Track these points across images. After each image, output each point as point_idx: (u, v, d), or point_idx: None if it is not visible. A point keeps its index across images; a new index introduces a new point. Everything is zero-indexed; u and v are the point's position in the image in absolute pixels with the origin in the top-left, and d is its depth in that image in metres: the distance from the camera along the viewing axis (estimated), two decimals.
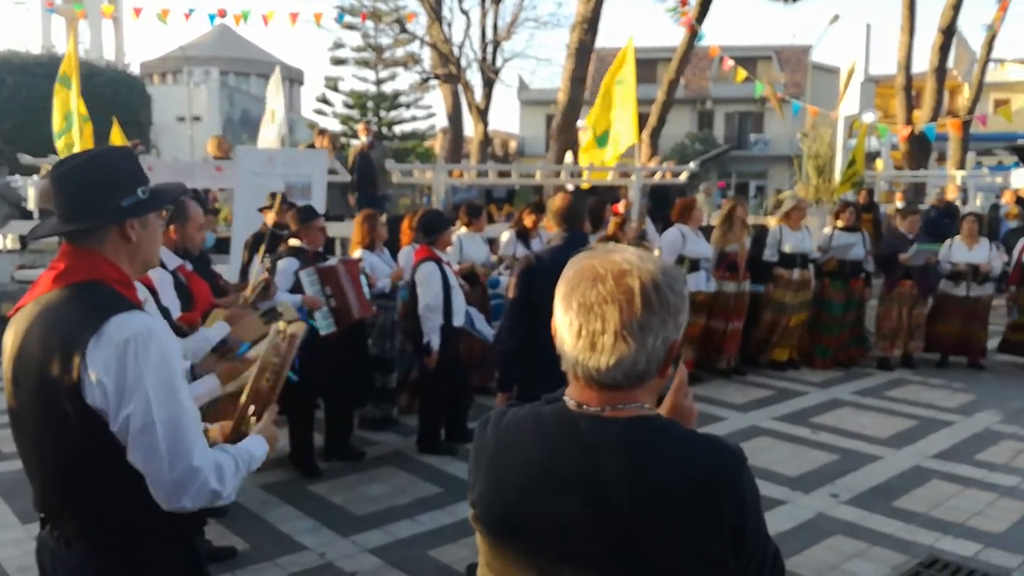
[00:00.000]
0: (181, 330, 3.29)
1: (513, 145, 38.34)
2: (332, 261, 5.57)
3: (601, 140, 10.08)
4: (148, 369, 1.79)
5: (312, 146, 10.78)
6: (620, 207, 9.46)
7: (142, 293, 2.30)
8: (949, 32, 18.91)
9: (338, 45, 34.01)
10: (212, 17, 13.47)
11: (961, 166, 18.68)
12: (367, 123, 13.21)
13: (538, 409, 1.44)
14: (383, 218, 6.54)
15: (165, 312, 3.17)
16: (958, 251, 8.58)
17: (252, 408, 2.14)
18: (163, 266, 3.86)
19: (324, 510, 4.96)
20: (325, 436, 5.85)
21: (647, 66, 36.18)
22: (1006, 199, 13.89)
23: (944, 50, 19.01)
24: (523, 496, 1.38)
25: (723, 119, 39.74)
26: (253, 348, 2.96)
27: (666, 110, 16.65)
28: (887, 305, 8.67)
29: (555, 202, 3.98)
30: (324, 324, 5.27)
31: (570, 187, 11.53)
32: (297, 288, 5.25)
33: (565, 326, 1.37)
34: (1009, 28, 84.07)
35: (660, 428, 1.37)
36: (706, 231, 8.40)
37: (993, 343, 8.98)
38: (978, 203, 15.30)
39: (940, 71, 19.08)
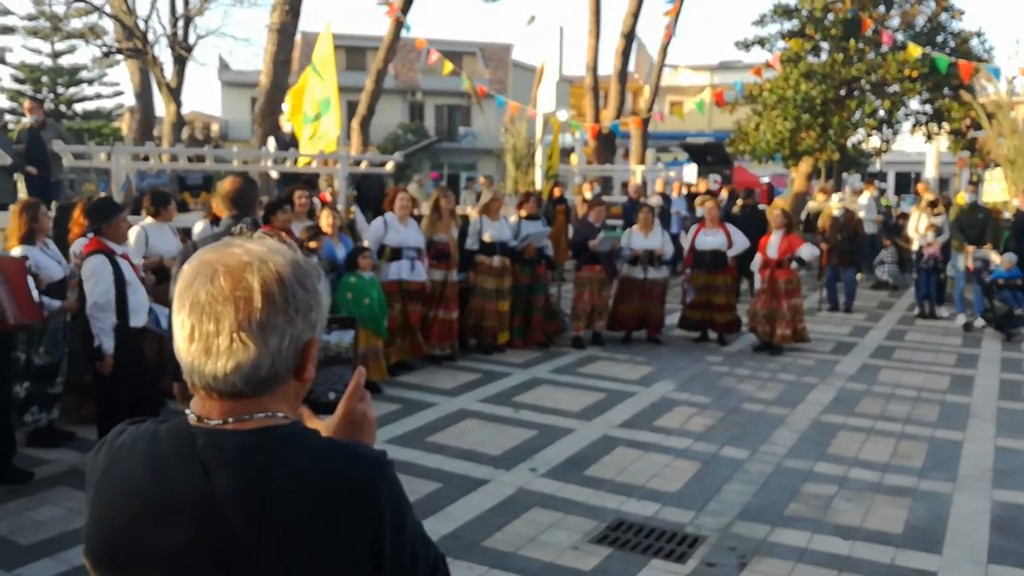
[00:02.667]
0: None
1: (216, 128, 36.20)
2: None
3: (307, 119, 9.80)
4: None
5: None
6: (327, 195, 9.26)
7: None
8: (629, 37, 20.79)
9: (5, 11, 29.89)
10: None
11: (642, 161, 20.64)
12: (34, 99, 11.69)
13: (157, 425, 1.28)
14: (49, 207, 5.77)
15: None
16: (636, 238, 9.47)
17: None
18: None
19: None
20: None
21: (356, 54, 35.90)
22: (675, 190, 15.55)
23: (626, 54, 20.87)
24: (129, 524, 1.21)
25: (433, 111, 40.56)
26: None
27: (375, 99, 16.61)
28: (579, 288, 9.39)
29: (224, 185, 3.71)
30: None
31: (274, 175, 11.09)
32: None
33: (178, 328, 1.22)
34: (682, 38, 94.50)
35: (288, 438, 1.23)
36: (420, 220, 8.50)
37: (671, 320, 10.01)
38: (654, 195, 17.00)
39: (623, 74, 20.94)
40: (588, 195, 12.67)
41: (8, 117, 11.36)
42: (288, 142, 11.27)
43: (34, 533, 4.43)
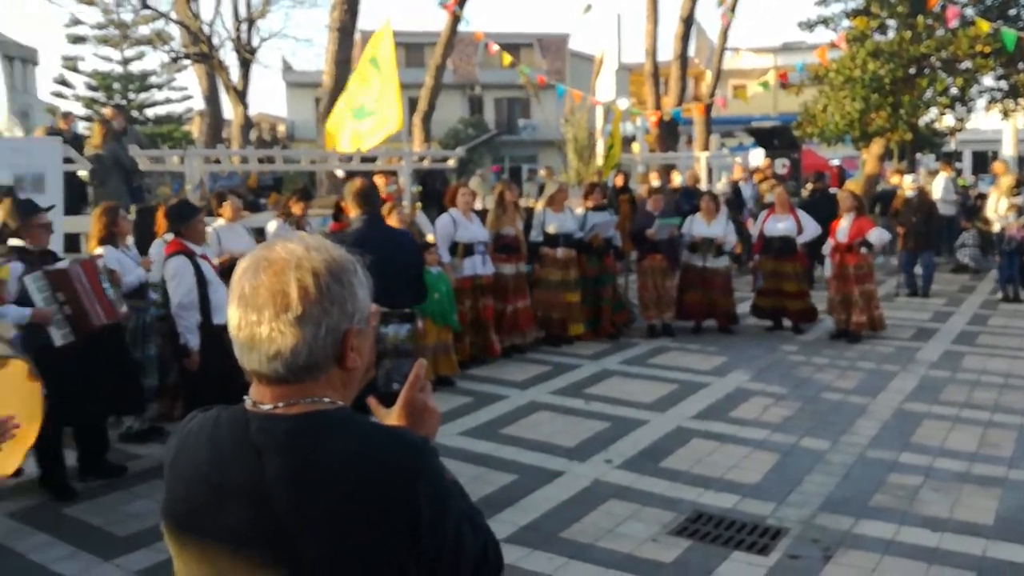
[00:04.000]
0: None
1: (282, 129, 36.84)
2: (64, 262, 4.99)
3: (359, 113, 9.85)
4: None
5: (59, 132, 9.70)
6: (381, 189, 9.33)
7: None
8: (688, 22, 20.47)
9: (75, 21, 30.96)
10: None
11: (706, 148, 20.33)
12: (117, 106, 12.08)
13: (220, 411, 1.37)
14: (131, 210, 5.97)
15: None
16: (697, 226, 9.35)
17: None
18: None
19: (82, 533, 4.53)
20: (78, 454, 5.29)
21: (415, 50, 36.17)
22: (736, 176, 15.25)
23: (685, 39, 20.57)
24: (193, 503, 1.32)
25: (493, 104, 40.65)
26: None
27: (435, 95, 16.70)
28: (642, 278, 9.34)
29: (353, 185, 3.96)
30: (59, 334, 4.70)
31: (340, 173, 11.25)
32: (24, 296, 4.63)
33: (230, 318, 1.32)
34: (742, 20, 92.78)
35: (333, 422, 1.30)
36: (484, 215, 8.55)
37: (743, 308, 9.85)
38: (722, 182, 16.71)
39: (683, 59, 20.63)
40: (655, 184, 12.53)
41: (82, 124, 11.75)
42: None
43: (129, 525, 4.62)
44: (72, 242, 7.89)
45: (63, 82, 32.18)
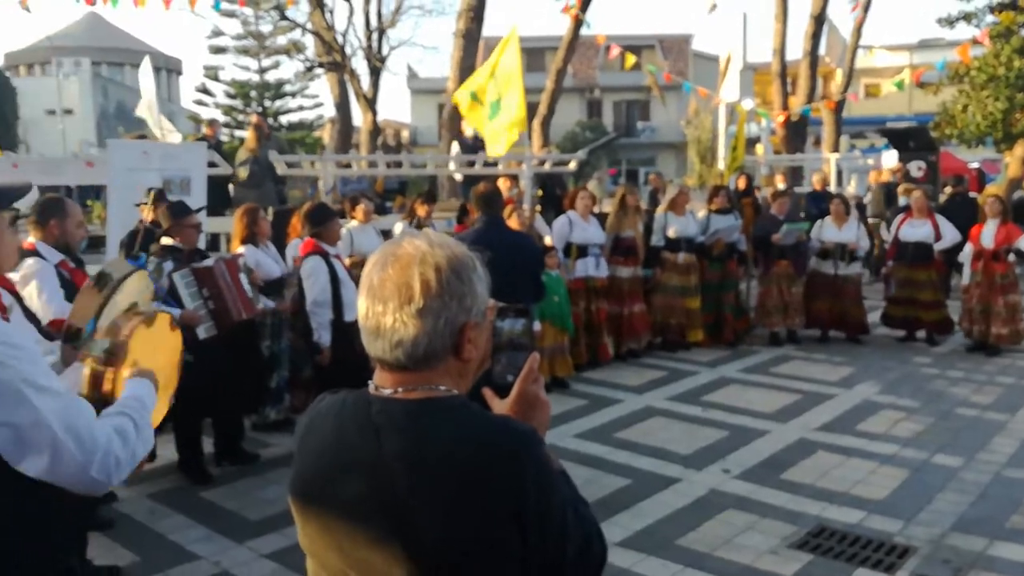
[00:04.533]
0: (51, 335, 3.10)
1: (405, 135, 37.90)
2: (209, 260, 5.32)
3: (495, 107, 9.97)
4: (15, 372, 1.73)
5: (205, 139, 10.34)
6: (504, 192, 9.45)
7: (7, 300, 2.17)
8: (820, 19, 19.77)
9: (217, 33, 32.88)
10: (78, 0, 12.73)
11: (835, 149, 19.59)
12: (261, 115, 12.76)
13: (347, 394, 1.47)
14: (268, 212, 6.31)
15: (32, 317, 2.99)
16: (827, 231, 9.01)
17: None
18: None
19: (217, 517, 4.79)
20: (214, 440, 5.63)
21: (535, 55, 36.45)
22: (871, 179, 14.62)
23: (816, 37, 19.87)
24: (319, 479, 1.41)
25: (611, 107, 40.48)
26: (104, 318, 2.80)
27: (555, 99, 16.77)
28: (766, 284, 9.08)
29: (478, 189, 4.16)
30: (203, 328, 5.02)
31: (458, 177, 11.49)
32: (173, 292, 4.97)
33: (359, 308, 1.41)
34: (876, 16, 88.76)
35: (447, 409, 1.37)
36: (601, 218, 8.55)
37: (872, 318, 9.45)
38: (852, 185, 16.06)
39: (813, 57, 19.94)
40: (781, 187, 12.17)
41: (223, 131, 12.44)
42: (470, 146, 11.63)
43: (261, 510, 4.87)
44: (213, 242, 8.41)
45: (204, 90, 34.19)
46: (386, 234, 7.82)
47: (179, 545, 4.42)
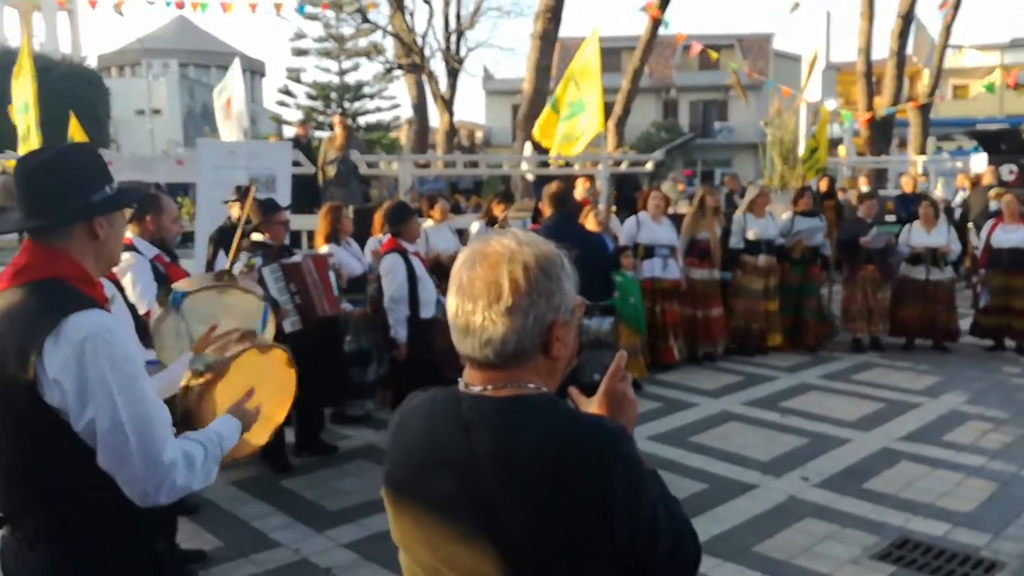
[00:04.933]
0: (146, 325, 3.23)
1: (479, 135, 38.20)
2: (297, 257, 5.48)
3: (575, 106, 9.97)
4: (109, 368, 1.77)
5: (297, 139, 10.65)
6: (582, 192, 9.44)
7: (109, 290, 2.26)
8: (908, 18, 19.16)
9: (299, 36, 33.68)
10: (169, 3, 13.22)
11: (922, 151, 18.96)
12: (343, 116, 13.06)
13: (437, 391, 1.49)
14: (348, 210, 6.46)
15: (132, 308, 3.11)
16: (917, 235, 8.73)
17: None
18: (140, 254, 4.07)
19: (297, 505, 4.91)
20: (296, 431, 5.78)
21: (611, 55, 36.23)
22: (958, 182, 14.11)
23: (903, 36, 19.26)
24: (411, 473, 1.44)
25: (688, 107, 39.97)
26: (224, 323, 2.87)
27: (631, 99, 16.67)
28: (851, 289, 8.85)
29: (551, 188, 4.21)
30: (289, 322, 5.17)
31: (530, 177, 11.52)
32: (262, 285, 5.14)
33: (448, 307, 1.43)
34: (966, 14, 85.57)
35: (535, 406, 1.37)
36: (676, 219, 8.46)
37: (962, 325, 9.10)
38: (939, 188, 15.52)
39: (900, 57, 19.34)
40: (864, 189, 11.85)
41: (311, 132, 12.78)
42: (542, 146, 11.63)
43: (339, 500, 4.98)
44: (295, 238, 8.62)
45: (286, 92, 35.06)
46: (461, 233, 7.92)
47: (261, 532, 4.55)
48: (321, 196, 9.67)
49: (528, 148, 12.15)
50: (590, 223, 6.91)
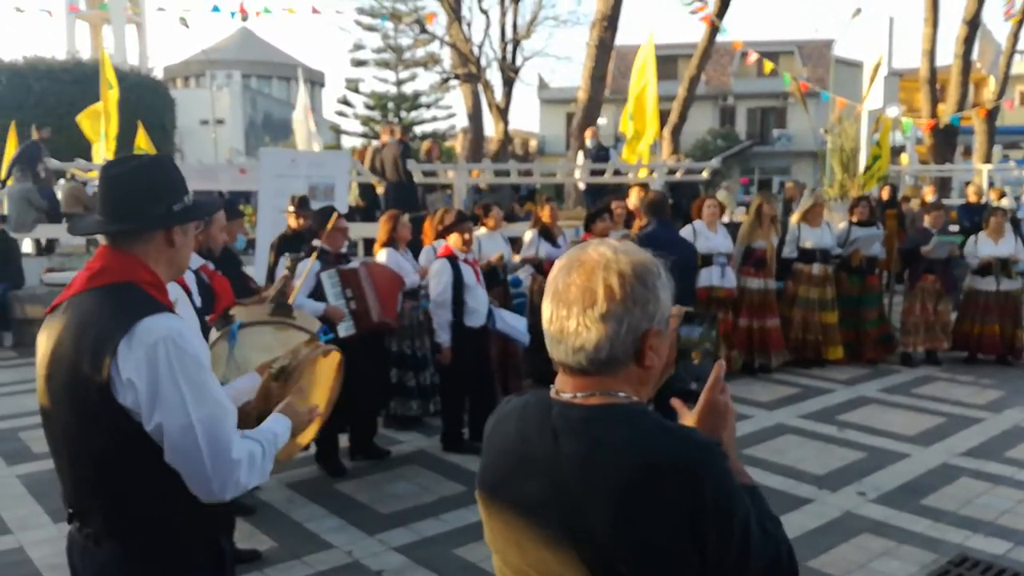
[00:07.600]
0: (207, 329, 3.33)
1: (533, 144, 38.32)
2: (354, 263, 5.58)
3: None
4: (180, 370, 1.83)
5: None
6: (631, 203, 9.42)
7: (174, 294, 2.35)
8: (973, 24, 18.67)
9: (358, 47, 34.28)
10: (233, 14, 13.60)
11: (987, 160, 18.42)
12: (402, 125, 13.24)
13: (530, 395, 1.51)
14: (405, 218, 6.54)
15: (199, 312, 3.21)
16: (984, 245, 8.49)
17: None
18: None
19: (350, 508, 4.99)
20: (350, 435, 5.88)
21: (667, 63, 36.03)
22: None
23: (968, 42, 18.77)
24: (503, 475, 1.46)
25: (745, 115, 39.49)
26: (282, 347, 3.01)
27: (687, 107, 16.56)
28: (911, 300, 8.63)
29: (647, 196, 4.24)
30: (344, 326, 5.28)
31: (582, 186, 11.52)
32: (319, 290, 5.26)
33: (543, 313, 1.43)
34: None
35: (624, 416, 1.37)
36: (731, 228, 8.37)
37: None
38: (994, 197, 15.08)
39: (965, 63, 18.84)
40: (930, 199, 11.55)
41: (359, 140, 12.95)
42: (594, 155, 11.63)
43: (391, 504, 5.05)
44: (351, 245, 8.78)
45: (345, 102, 35.67)
46: (513, 241, 7.96)
47: (314, 534, 4.62)
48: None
49: (580, 156, 12.17)
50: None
